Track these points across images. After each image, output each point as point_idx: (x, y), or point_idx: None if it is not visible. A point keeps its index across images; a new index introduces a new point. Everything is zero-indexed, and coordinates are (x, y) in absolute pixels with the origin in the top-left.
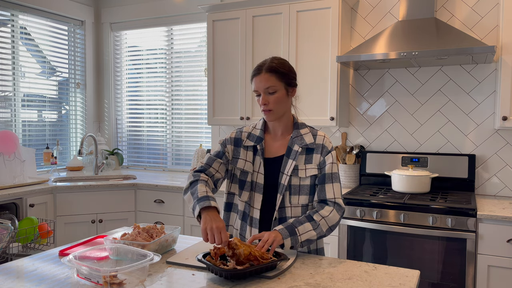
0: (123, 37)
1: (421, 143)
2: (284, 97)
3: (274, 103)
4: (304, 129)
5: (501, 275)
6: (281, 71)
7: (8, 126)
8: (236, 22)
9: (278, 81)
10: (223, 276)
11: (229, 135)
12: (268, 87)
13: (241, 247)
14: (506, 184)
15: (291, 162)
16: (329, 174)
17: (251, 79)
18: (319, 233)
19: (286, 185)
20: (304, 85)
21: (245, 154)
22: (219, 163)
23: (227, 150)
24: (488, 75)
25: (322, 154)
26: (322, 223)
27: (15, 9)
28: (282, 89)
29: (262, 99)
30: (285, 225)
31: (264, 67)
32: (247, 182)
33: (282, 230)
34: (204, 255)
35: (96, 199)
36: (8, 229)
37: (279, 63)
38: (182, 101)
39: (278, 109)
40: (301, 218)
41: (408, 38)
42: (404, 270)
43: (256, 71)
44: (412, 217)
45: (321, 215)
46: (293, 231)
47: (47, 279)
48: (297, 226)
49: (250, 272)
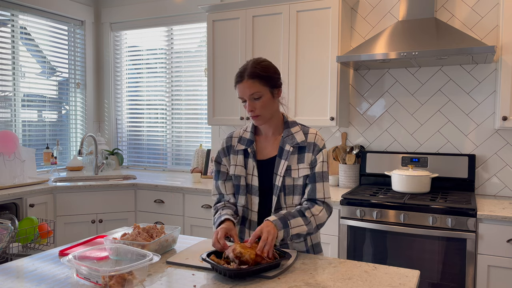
0: (123, 37)
1: (421, 143)
2: (270, 100)
3: (261, 108)
4: (295, 127)
5: (501, 275)
6: (264, 75)
7: (8, 126)
8: (236, 22)
9: (262, 86)
10: (227, 275)
11: (220, 147)
12: (253, 93)
13: (245, 253)
14: (506, 184)
15: (283, 162)
16: (320, 173)
17: (235, 86)
18: (309, 229)
19: (280, 186)
20: (304, 85)
21: (236, 159)
22: (224, 184)
23: (223, 163)
24: (488, 75)
25: (314, 153)
26: (312, 221)
27: (15, 9)
28: (267, 93)
29: (249, 106)
30: (278, 217)
31: (246, 74)
32: (241, 186)
33: (276, 222)
34: (208, 254)
35: (96, 199)
36: (8, 229)
37: (261, 67)
38: (182, 101)
39: (265, 113)
40: (293, 212)
41: (408, 38)
42: (404, 270)
43: (239, 78)
44: (412, 217)
45: (312, 213)
46: (286, 224)
47: (47, 279)
48: (290, 219)
49: (254, 271)
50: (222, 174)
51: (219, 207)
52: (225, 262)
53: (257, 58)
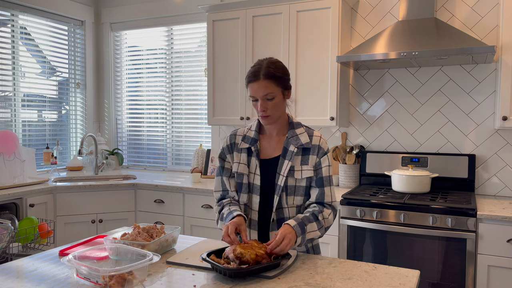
0: (123, 37)
1: (421, 143)
2: (281, 101)
3: (272, 109)
4: (299, 128)
5: (501, 275)
6: (278, 76)
7: (8, 126)
8: (236, 22)
9: (276, 86)
10: (227, 275)
11: (224, 144)
12: (267, 94)
13: (246, 254)
14: (506, 184)
15: (287, 162)
16: (327, 177)
17: (247, 84)
18: (321, 234)
19: (283, 186)
20: (304, 85)
21: (239, 157)
22: (228, 180)
23: (228, 160)
24: (488, 75)
25: (318, 156)
26: (323, 224)
27: (15, 9)
28: (280, 94)
29: (261, 106)
30: (297, 221)
31: (261, 73)
32: (244, 184)
33: (296, 227)
34: (208, 254)
35: (96, 199)
36: (8, 229)
37: (276, 68)
38: (182, 101)
39: (275, 114)
40: (309, 216)
41: (408, 38)
42: (404, 270)
43: (253, 77)
44: (412, 217)
45: (323, 216)
46: (303, 229)
47: (47, 279)
48: (307, 224)
49: (254, 271)
50: (227, 170)
51: (225, 203)
52: (225, 262)
53: (270, 57)
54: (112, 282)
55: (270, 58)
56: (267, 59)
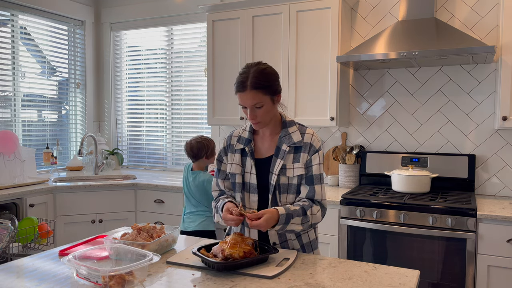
0: (123, 37)
1: (421, 143)
2: (271, 107)
3: (262, 116)
4: (292, 127)
5: (501, 275)
6: (266, 85)
7: (8, 126)
8: (236, 22)
9: (264, 95)
10: (215, 268)
11: (222, 145)
12: (255, 104)
13: (234, 254)
14: (506, 184)
15: (279, 161)
16: (317, 175)
17: (235, 92)
18: (304, 228)
19: (275, 184)
20: (304, 85)
21: (233, 157)
22: (223, 182)
23: (224, 162)
24: (488, 75)
25: (309, 153)
26: (310, 220)
27: (15, 9)
28: (269, 101)
29: (250, 114)
30: (287, 211)
31: (248, 84)
32: (237, 183)
33: (283, 217)
34: (199, 248)
35: (96, 199)
36: (8, 229)
37: (263, 77)
38: (182, 101)
39: (266, 119)
40: (298, 209)
41: (408, 38)
42: (404, 270)
43: (240, 88)
44: (412, 217)
45: (312, 212)
46: (288, 221)
47: (47, 279)
48: (294, 217)
49: (242, 264)
50: (222, 173)
51: (221, 198)
52: (213, 256)
53: (258, 64)
54: (112, 282)
55: (258, 64)
56: (254, 67)
